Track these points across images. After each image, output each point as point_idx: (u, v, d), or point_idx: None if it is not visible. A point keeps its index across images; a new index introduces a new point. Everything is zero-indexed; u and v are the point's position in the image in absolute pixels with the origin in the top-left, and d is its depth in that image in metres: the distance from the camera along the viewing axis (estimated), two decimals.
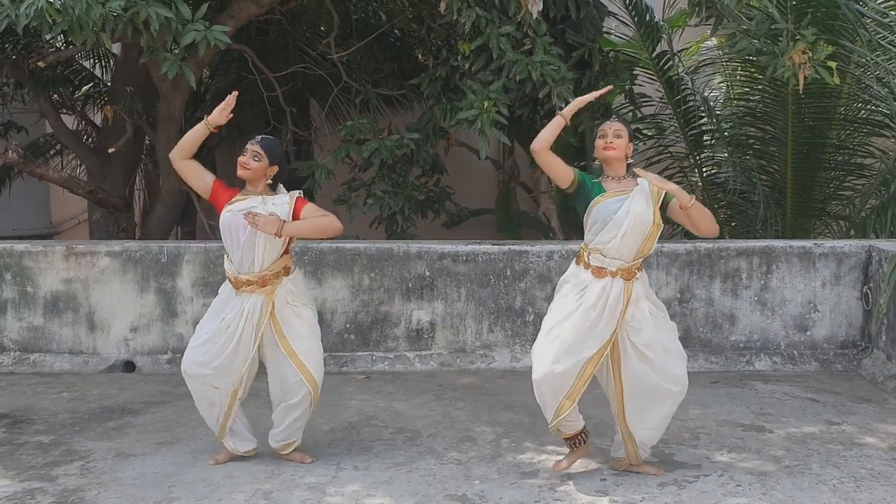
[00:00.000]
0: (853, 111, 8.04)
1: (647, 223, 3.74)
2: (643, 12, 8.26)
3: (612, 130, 3.80)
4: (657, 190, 3.77)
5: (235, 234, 3.90)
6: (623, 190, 3.79)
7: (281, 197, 4.01)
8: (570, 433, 3.90)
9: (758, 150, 8.47)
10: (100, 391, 5.45)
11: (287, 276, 4.00)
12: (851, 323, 6.00)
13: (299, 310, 4.06)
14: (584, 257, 3.82)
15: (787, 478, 3.93)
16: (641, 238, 3.75)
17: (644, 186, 3.77)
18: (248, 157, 3.91)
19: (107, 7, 4.97)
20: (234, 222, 3.90)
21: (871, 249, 5.97)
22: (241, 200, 3.96)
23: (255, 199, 3.95)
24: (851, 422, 4.75)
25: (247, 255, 3.91)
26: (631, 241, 3.73)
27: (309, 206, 4.01)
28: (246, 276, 3.93)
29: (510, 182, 9.66)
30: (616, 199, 3.75)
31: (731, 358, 5.96)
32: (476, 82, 6.05)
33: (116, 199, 7.49)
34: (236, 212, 3.91)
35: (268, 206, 3.92)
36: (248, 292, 3.94)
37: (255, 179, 3.96)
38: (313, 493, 3.80)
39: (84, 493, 3.82)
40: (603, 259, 3.74)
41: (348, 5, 8.18)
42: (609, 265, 3.74)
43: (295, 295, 4.03)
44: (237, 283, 3.96)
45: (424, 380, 5.67)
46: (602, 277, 3.74)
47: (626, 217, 3.71)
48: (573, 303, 3.77)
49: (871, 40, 6.87)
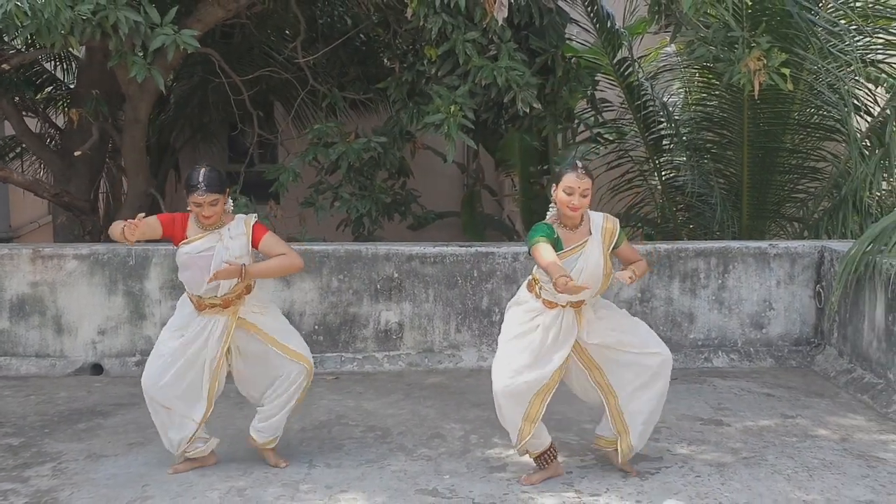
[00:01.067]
0: (806, 116, 8.28)
1: (599, 275, 3.78)
2: (604, 19, 8.44)
3: (579, 190, 3.68)
4: (609, 238, 3.80)
5: (201, 274, 3.87)
6: (578, 242, 3.76)
7: (237, 226, 3.96)
8: (538, 452, 3.93)
9: (715, 154, 8.68)
10: (68, 394, 5.45)
11: (248, 294, 4.03)
12: (805, 321, 6.23)
13: (266, 309, 4.12)
14: (535, 288, 3.84)
15: (744, 468, 4.10)
16: (596, 286, 3.79)
17: (597, 236, 3.78)
18: (207, 209, 3.83)
19: (76, 10, 4.99)
20: (198, 264, 3.88)
21: (823, 250, 6.20)
22: (198, 239, 3.90)
23: (212, 238, 3.90)
24: (805, 415, 4.95)
25: (210, 289, 3.90)
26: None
27: (268, 235, 3.98)
28: (209, 299, 3.94)
29: (475, 185, 9.78)
30: (572, 258, 3.73)
31: (690, 355, 6.14)
32: (442, 87, 6.15)
33: (82, 202, 7.46)
34: (195, 254, 3.88)
35: (225, 242, 3.89)
36: (212, 314, 3.95)
37: (218, 219, 3.92)
38: (287, 490, 3.87)
39: (57, 493, 3.85)
40: (555, 295, 3.73)
41: (314, 10, 8.24)
42: (560, 300, 3.75)
43: (259, 304, 4.08)
44: (200, 306, 3.95)
45: (393, 379, 5.76)
46: (553, 308, 3.78)
47: (581, 274, 3.70)
48: (528, 322, 3.82)
49: (822, 48, 7.10)
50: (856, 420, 4.86)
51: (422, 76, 6.70)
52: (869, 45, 7.74)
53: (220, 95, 8.49)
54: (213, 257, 3.87)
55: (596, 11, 8.42)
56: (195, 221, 3.94)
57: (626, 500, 3.74)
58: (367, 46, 8.61)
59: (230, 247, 3.89)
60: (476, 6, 5.79)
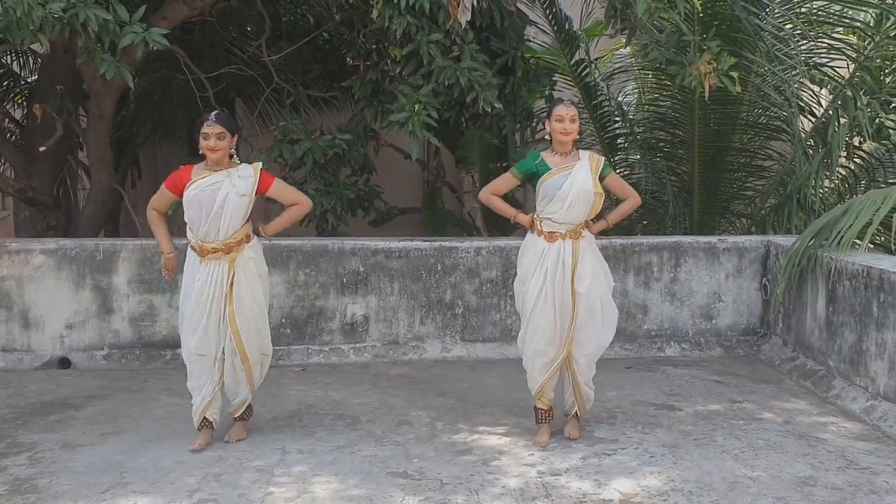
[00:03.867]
0: (754, 117, 8.58)
1: (590, 193, 4.31)
2: (562, 22, 8.67)
3: (568, 116, 4.28)
4: (595, 165, 4.35)
5: (207, 207, 4.16)
6: (567, 165, 4.32)
7: (244, 169, 4.29)
8: (542, 407, 4.49)
9: (668, 153, 8.97)
10: (37, 387, 5.51)
11: (248, 243, 4.32)
12: (752, 312, 6.54)
13: (254, 284, 4.36)
14: (537, 225, 4.38)
15: (694, 449, 4.37)
16: (587, 206, 4.33)
17: (585, 161, 4.34)
18: (214, 141, 4.18)
19: (47, 8, 5.05)
20: (205, 197, 4.18)
21: (769, 244, 6.52)
22: (205, 177, 4.22)
23: (220, 175, 4.22)
24: (751, 400, 5.24)
25: (213, 225, 4.19)
26: (577, 210, 4.31)
27: (277, 181, 4.38)
28: (211, 244, 4.21)
29: (436, 182, 9.95)
30: (561, 176, 4.29)
31: (644, 345, 6.42)
32: (406, 86, 6.31)
33: (46, 198, 7.46)
34: (205, 187, 4.18)
35: (233, 180, 4.20)
36: (214, 259, 4.23)
37: (223, 157, 4.23)
38: (262, 475, 4.02)
39: (36, 481, 3.95)
40: (553, 224, 4.32)
41: (278, 8, 8.32)
42: (559, 229, 4.32)
43: (255, 262, 4.36)
44: (203, 252, 4.24)
45: (360, 370, 5.93)
46: (554, 241, 4.32)
47: (571, 190, 4.26)
48: (539, 278, 4.32)
49: (769, 52, 7.39)
50: (798, 404, 5.16)
51: (386, 75, 6.85)
52: (813, 49, 8.06)
53: (182, 92, 8.53)
54: (219, 191, 4.16)
55: (554, 14, 8.65)
56: (201, 166, 4.27)
57: (584, 479, 3.97)
58: (330, 45, 8.71)
59: (237, 184, 4.20)
60: (440, 9, 5.96)
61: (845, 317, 5.31)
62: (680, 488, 3.85)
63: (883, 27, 7.68)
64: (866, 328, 5.06)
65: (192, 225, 4.25)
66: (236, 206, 4.20)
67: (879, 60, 7.66)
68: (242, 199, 4.21)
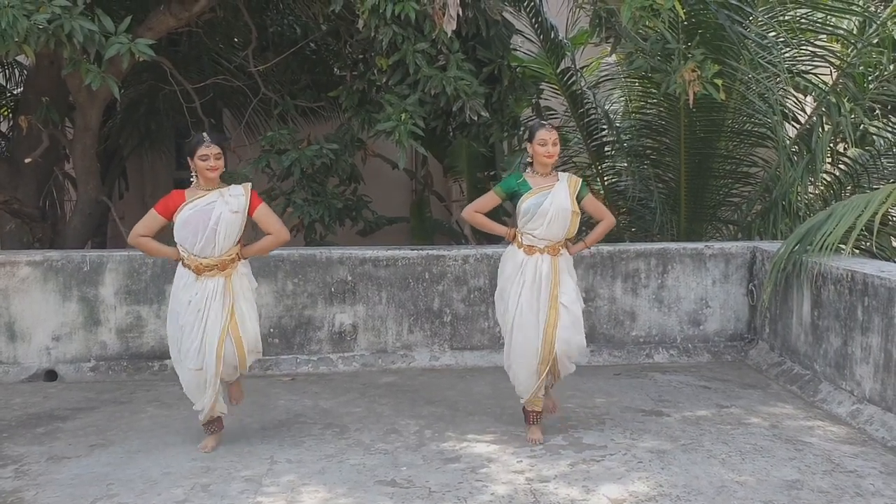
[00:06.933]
0: (739, 124, 8.65)
1: (568, 211, 4.47)
2: (548, 31, 8.72)
3: (551, 140, 4.48)
4: (574, 186, 4.53)
5: (203, 226, 4.24)
6: (547, 185, 4.49)
7: (235, 188, 4.39)
8: (537, 409, 4.60)
9: (654, 160, 9.02)
10: (23, 399, 5.47)
11: (240, 260, 4.41)
12: (739, 317, 6.58)
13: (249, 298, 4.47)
14: (518, 239, 4.54)
15: (682, 454, 4.38)
16: (565, 223, 4.49)
17: (563, 182, 4.52)
18: (213, 161, 4.28)
19: (32, 20, 5.05)
20: (200, 217, 4.26)
21: (755, 250, 6.56)
22: (200, 197, 4.30)
23: (213, 195, 4.31)
24: (739, 405, 5.27)
25: (208, 243, 4.26)
26: (556, 226, 4.47)
27: (262, 206, 4.44)
28: (207, 260, 4.28)
29: (424, 191, 9.97)
30: (541, 195, 4.47)
31: (632, 352, 6.44)
32: (393, 95, 6.32)
33: (32, 210, 7.43)
34: (201, 207, 4.26)
35: (226, 198, 4.30)
36: (210, 276, 4.29)
37: (219, 175, 4.34)
38: (250, 485, 4.00)
39: (22, 493, 3.92)
40: (533, 239, 4.49)
41: (265, 18, 8.33)
42: (539, 244, 4.48)
43: (248, 277, 4.47)
44: (199, 269, 4.29)
45: (348, 380, 5.92)
46: (532, 254, 4.48)
47: (551, 207, 4.43)
48: (517, 289, 4.47)
49: (753, 60, 7.46)
50: (785, 409, 5.19)
51: (373, 85, 6.86)
52: (796, 56, 8.15)
53: (169, 102, 8.52)
54: (213, 211, 4.25)
55: (540, 23, 8.70)
56: (193, 188, 4.34)
57: (573, 485, 3.97)
58: (317, 55, 8.74)
59: (230, 202, 4.29)
60: (426, 18, 5.98)
61: (831, 321, 5.35)
62: (668, 493, 3.86)
63: (865, 34, 7.77)
64: (851, 332, 5.10)
65: (185, 244, 4.30)
66: (230, 224, 4.29)
67: (862, 67, 7.75)
68: (236, 216, 4.31)
